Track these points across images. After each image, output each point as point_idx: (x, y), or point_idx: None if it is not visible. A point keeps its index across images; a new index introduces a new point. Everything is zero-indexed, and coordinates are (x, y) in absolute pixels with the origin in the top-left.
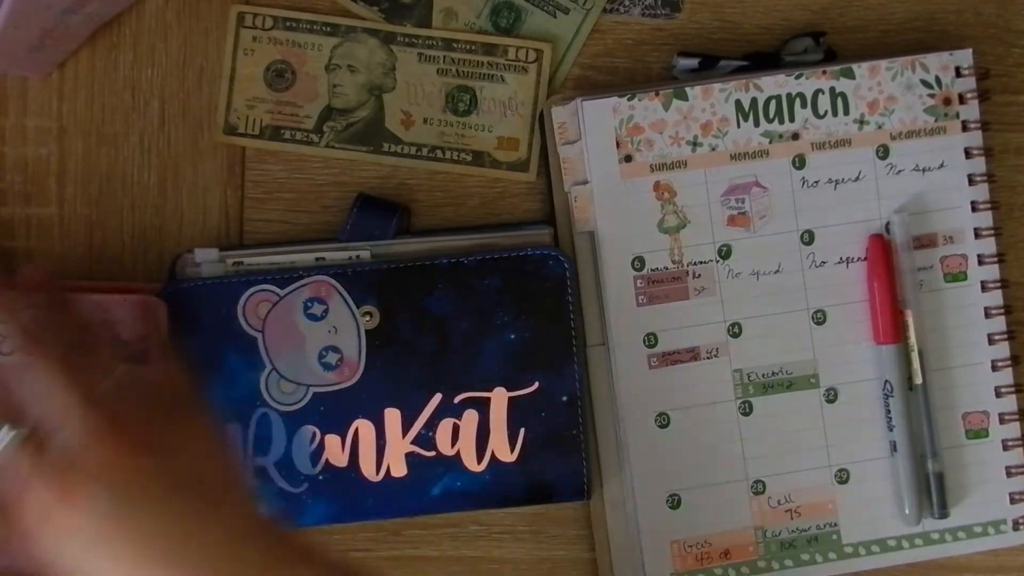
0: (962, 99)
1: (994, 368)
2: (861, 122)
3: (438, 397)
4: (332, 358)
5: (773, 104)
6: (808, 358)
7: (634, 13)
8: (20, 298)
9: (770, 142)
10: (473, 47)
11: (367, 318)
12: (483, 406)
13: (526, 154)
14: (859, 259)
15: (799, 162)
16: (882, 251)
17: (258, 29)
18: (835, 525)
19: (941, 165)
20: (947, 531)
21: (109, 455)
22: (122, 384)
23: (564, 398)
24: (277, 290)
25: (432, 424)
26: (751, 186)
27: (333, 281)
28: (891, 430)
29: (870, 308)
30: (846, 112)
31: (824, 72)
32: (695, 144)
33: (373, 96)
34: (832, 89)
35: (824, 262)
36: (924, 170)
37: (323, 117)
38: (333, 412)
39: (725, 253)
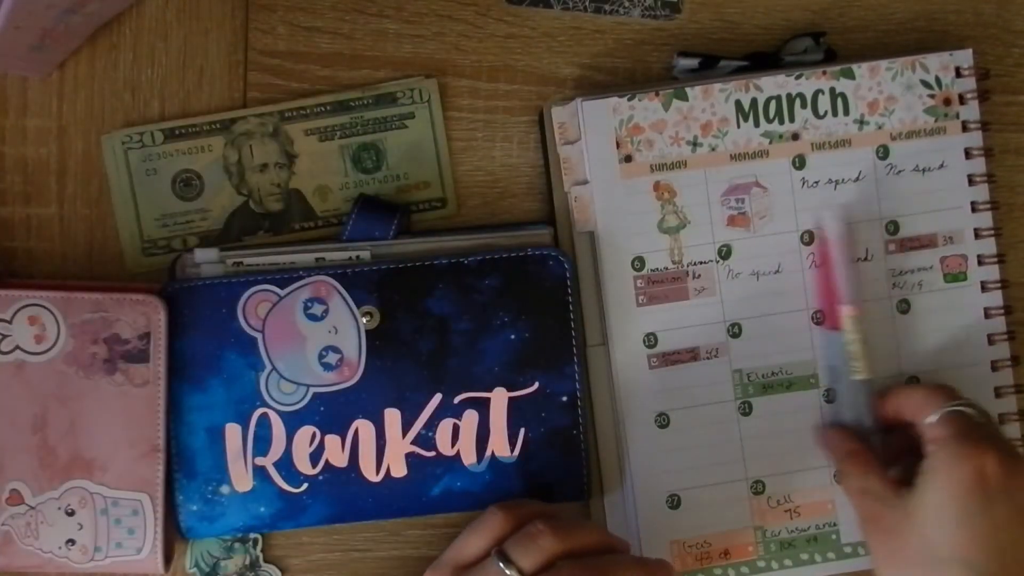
0: (962, 99)
1: (994, 368)
2: (861, 122)
3: (438, 397)
4: (332, 358)
5: (773, 104)
6: (808, 358)
7: (634, 14)
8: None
9: (770, 142)
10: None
11: (367, 318)
12: (483, 406)
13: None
14: (859, 259)
15: (799, 162)
16: (835, 243)
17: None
18: (834, 525)
19: (941, 165)
20: None
21: None
22: None
23: (564, 398)
24: (277, 290)
25: (432, 424)
26: (751, 186)
27: (333, 281)
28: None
29: (821, 295)
30: (846, 112)
31: (824, 72)
32: (695, 144)
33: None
34: (832, 89)
35: None
36: (924, 170)
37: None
38: (333, 412)
39: (725, 253)
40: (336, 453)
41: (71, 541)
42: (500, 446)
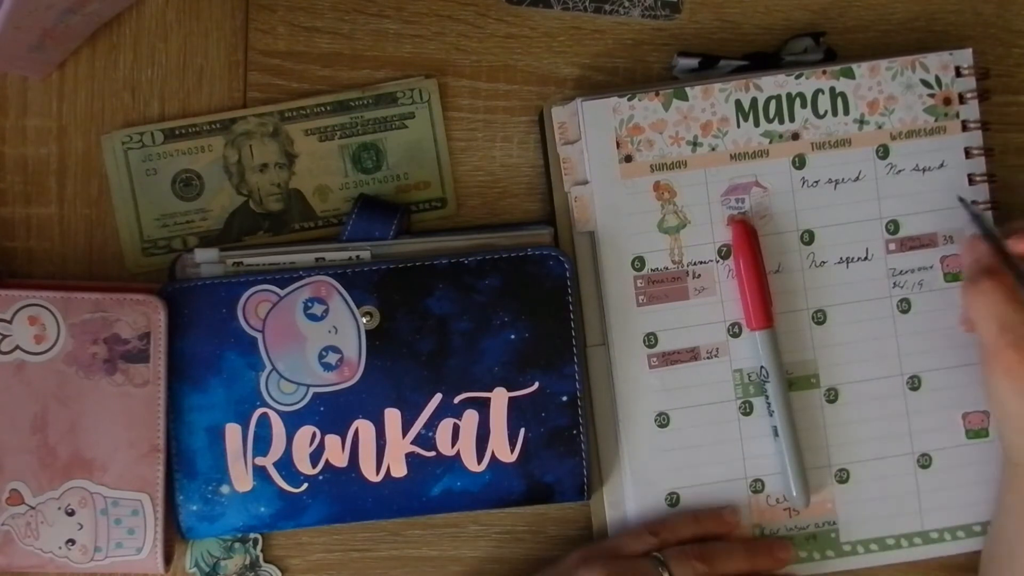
0: (962, 99)
1: None
2: (861, 122)
3: (438, 397)
4: (332, 358)
5: (773, 104)
6: (808, 358)
7: (634, 14)
8: None
9: (770, 142)
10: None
11: (367, 318)
12: (483, 406)
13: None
14: (859, 259)
15: (799, 162)
16: (747, 235)
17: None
18: (833, 524)
19: (941, 165)
20: (946, 530)
21: None
22: None
23: (564, 398)
24: (277, 290)
25: (432, 424)
26: (751, 186)
27: (333, 281)
28: (771, 415)
29: (740, 294)
30: (846, 112)
31: (824, 72)
32: (695, 144)
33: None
34: (832, 89)
35: (824, 262)
36: (924, 170)
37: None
38: (333, 412)
39: (725, 253)
40: (336, 453)
41: (71, 541)
42: (500, 446)
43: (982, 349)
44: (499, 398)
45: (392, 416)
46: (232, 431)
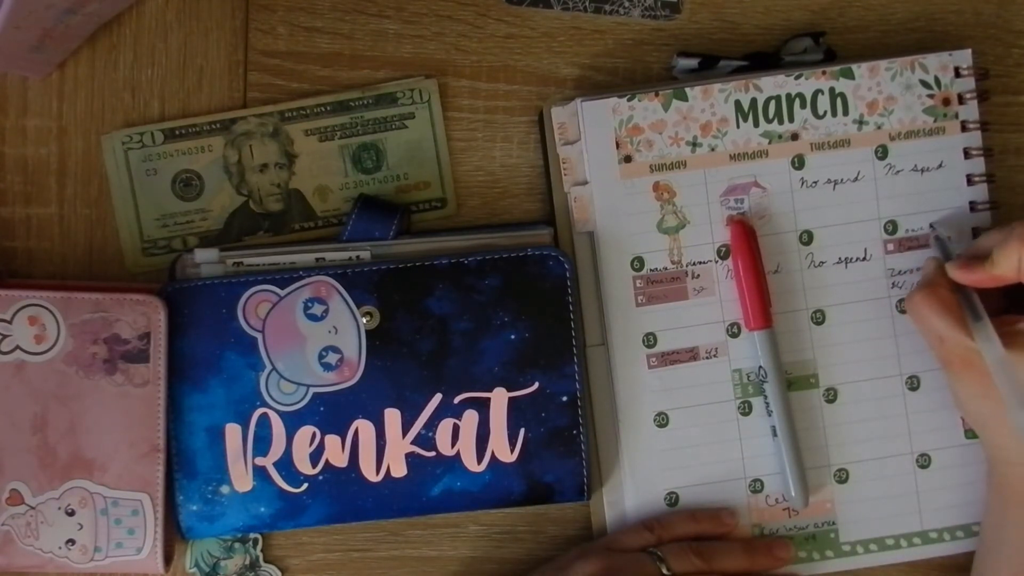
0: (961, 99)
1: None
2: (860, 122)
3: (438, 397)
4: (332, 358)
5: (772, 104)
6: (808, 358)
7: (634, 14)
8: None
9: (769, 142)
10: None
11: (367, 318)
12: (483, 406)
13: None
14: (858, 259)
15: (798, 162)
16: (745, 236)
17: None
18: (833, 524)
19: (940, 165)
20: (945, 530)
21: None
22: None
23: (564, 398)
24: (277, 290)
25: (432, 424)
26: (750, 186)
27: (333, 281)
28: (769, 415)
29: (738, 294)
30: (845, 112)
31: (824, 72)
32: (695, 144)
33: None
34: (831, 89)
35: (823, 262)
36: (923, 170)
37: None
38: (333, 412)
39: (724, 253)
40: (336, 453)
41: (71, 541)
42: (500, 446)
43: (936, 357)
44: (499, 398)
45: (392, 416)
46: (232, 431)
